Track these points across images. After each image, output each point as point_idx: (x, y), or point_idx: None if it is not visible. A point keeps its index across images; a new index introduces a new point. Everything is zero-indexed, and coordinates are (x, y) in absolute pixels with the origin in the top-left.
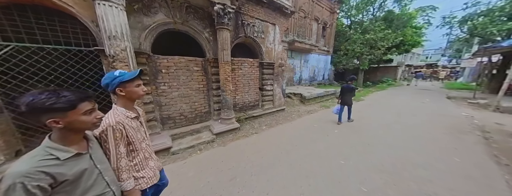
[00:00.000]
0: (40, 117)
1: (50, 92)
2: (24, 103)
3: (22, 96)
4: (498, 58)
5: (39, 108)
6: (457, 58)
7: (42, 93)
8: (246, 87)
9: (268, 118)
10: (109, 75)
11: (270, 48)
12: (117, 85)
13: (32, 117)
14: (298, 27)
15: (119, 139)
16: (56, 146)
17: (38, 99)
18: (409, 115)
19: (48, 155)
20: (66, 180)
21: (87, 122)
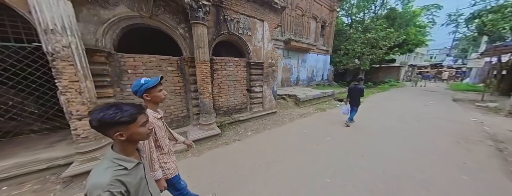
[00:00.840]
0: (108, 130)
1: (116, 107)
2: (95, 119)
3: (93, 112)
4: (508, 58)
5: (109, 122)
6: (463, 58)
7: (109, 108)
8: (231, 89)
9: (257, 122)
10: (136, 83)
11: (259, 47)
12: (144, 91)
13: (102, 131)
14: (295, 26)
15: (153, 135)
16: (121, 157)
17: (107, 114)
18: (411, 120)
19: (117, 165)
20: (130, 188)
21: (143, 133)
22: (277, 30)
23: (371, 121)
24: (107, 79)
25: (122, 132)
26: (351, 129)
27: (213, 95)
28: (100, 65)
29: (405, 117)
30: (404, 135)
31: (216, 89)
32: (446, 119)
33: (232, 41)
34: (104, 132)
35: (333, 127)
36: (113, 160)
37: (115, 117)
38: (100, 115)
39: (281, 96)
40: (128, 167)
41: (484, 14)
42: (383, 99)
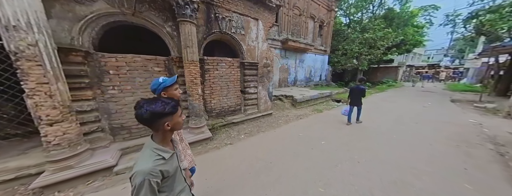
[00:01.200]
0: (158, 121)
1: (160, 101)
2: (146, 111)
3: (141, 106)
4: (506, 59)
5: (159, 113)
6: (460, 58)
7: (154, 102)
8: (224, 90)
9: (251, 124)
10: (155, 82)
11: (253, 47)
12: (162, 90)
13: (152, 122)
14: (292, 25)
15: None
16: (160, 148)
17: (157, 106)
18: (409, 122)
19: (157, 155)
20: (168, 176)
21: (181, 123)
22: (274, 30)
23: (368, 122)
24: (86, 80)
25: (169, 122)
26: (347, 132)
27: (205, 97)
28: (77, 66)
29: (403, 118)
30: (402, 138)
31: (207, 91)
32: (444, 120)
33: (224, 41)
34: (153, 123)
35: (329, 129)
36: (153, 149)
37: (165, 108)
38: (150, 107)
39: (278, 97)
40: (165, 157)
41: (482, 14)
42: (381, 100)
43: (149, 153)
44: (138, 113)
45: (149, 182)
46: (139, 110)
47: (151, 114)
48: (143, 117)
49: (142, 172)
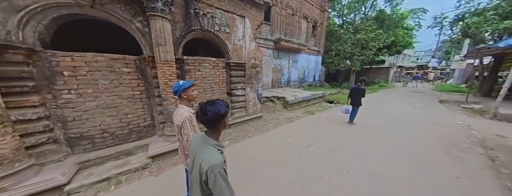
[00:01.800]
0: (220, 121)
1: (218, 104)
2: (212, 112)
3: (206, 108)
4: (489, 60)
5: (222, 114)
6: (446, 60)
7: (217, 104)
8: (208, 92)
9: (239, 128)
10: (176, 85)
11: (239, 46)
12: (182, 91)
13: (215, 122)
14: (285, 25)
15: (191, 125)
16: (219, 144)
17: (221, 108)
18: (400, 124)
19: (218, 149)
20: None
21: (228, 122)
22: (267, 29)
23: (360, 125)
24: (29, 83)
25: (226, 121)
26: (337, 136)
27: None
28: (16, 66)
29: (394, 120)
30: (393, 143)
31: None
32: (434, 122)
33: (208, 39)
34: (216, 123)
35: (320, 133)
36: (214, 145)
37: (226, 110)
38: (216, 109)
39: (269, 98)
40: (222, 151)
41: (468, 16)
42: (374, 101)
43: (212, 149)
44: (205, 115)
45: (224, 170)
46: (206, 112)
47: (217, 115)
48: (210, 119)
49: (218, 164)
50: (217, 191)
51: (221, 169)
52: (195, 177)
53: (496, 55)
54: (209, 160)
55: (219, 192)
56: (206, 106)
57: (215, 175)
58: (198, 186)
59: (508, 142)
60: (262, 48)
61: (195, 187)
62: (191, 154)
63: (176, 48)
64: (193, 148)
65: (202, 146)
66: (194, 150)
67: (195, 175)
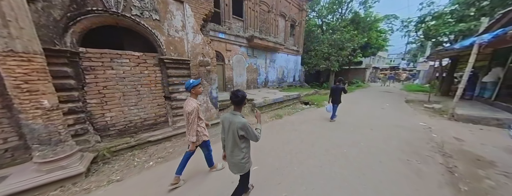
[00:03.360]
0: (243, 100)
1: (242, 91)
2: (241, 95)
3: (237, 92)
4: (447, 62)
5: (245, 96)
6: (414, 62)
7: (240, 91)
8: (131, 97)
9: (182, 140)
10: (187, 82)
11: (178, 39)
12: (191, 88)
13: (241, 102)
14: (260, 22)
15: (197, 113)
16: (241, 115)
17: (244, 93)
18: (365, 128)
19: (243, 117)
20: None
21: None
22: (239, 25)
23: (322, 134)
24: None
25: (245, 102)
26: (294, 146)
27: (92, 108)
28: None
29: (360, 124)
30: (352, 154)
31: (95, 100)
32: (398, 124)
33: (130, 29)
34: (241, 102)
35: (276, 143)
36: (240, 115)
37: (246, 94)
38: (243, 93)
39: None
40: (244, 118)
41: (429, 20)
42: (347, 102)
43: (240, 116)
44: (237, 95)
45: (249, 124)
46: (238, 95)
47: (243, 98)
48: (240, 100)
49: (246, 122)
50: (251, 135)
51: (248, 124)
52: (232, 134)
53: (453, 57)
54: (241, 121)
55: (252, 135)
56: (237, 92)
57: (247, 127)
58: (234, 139)
59: (465, 146)
60: (233, 46)
61: (231, 141)
62: (225, 124)
63: (57, 35)
64: (226, 120)
65: (233, 117)
66: (227, 120)
67: (233, 132)
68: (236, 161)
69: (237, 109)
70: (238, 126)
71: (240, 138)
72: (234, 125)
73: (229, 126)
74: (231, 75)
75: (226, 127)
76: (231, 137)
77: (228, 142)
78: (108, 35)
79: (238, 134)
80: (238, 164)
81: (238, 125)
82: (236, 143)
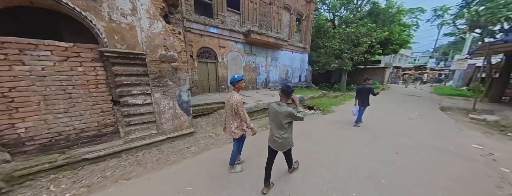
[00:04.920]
0: (291, 93)
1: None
2: (291, 88)
3: (288, 85)
4: (500, 59)
5: (292, 90)
6: (445, 61)
7: (290, 86)
8: (58, 101)
9: (134, 157)
10: (232, 77)
11: (126, 26)
12: (236, 82)
13: (290, 93)
14: (260, 16)
15: (242, 106)
16: (286, 104)
17: (292, 88)
18: (387, 150)
19: (287, 106)
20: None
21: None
22: (234, 19)
23: (330, 148)
24: None
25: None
26: (288, 177)
27: None
28: None
29: (379, 142)
30: (371, 190)
31: None
32: (437, 146)
33: (58, 11)
34: (289, 94)
35: (251, 167)
36: (286, 105)
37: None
38: (292, 88)
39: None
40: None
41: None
42: None
43: (286, 106)
44: (289, 88)
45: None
46: (290, 88)
47: (292, 91)
48: (290, 92)
49: (292, 109)
50: (297, 118)
51: (294, 111)
52: (278, 120)
53: (509, 52)
54: (287, 110)
55: (298, 118)
56: (288, 85)
57: (293, 114)
58: (279, 124)
59: None
60: (227, 42)
61: (276, 125)
62: (271, 112)
63: None
64: (272, 109)
65: (280, 107)
66: (273, 109)
67: (278, 119)
68: (280, 141)
69: (284, 99)
70: (285, 114)
71: (285, 123)
72: (280, 113)
73: (275, 114)
74: (226, 74)
75: (271, 114)
76: (277, 123)
77: (273, 126)
78: (41, 22)
79: (283, 120)
80: (282, 143)
81: (285, 113)
82: (281, 127)
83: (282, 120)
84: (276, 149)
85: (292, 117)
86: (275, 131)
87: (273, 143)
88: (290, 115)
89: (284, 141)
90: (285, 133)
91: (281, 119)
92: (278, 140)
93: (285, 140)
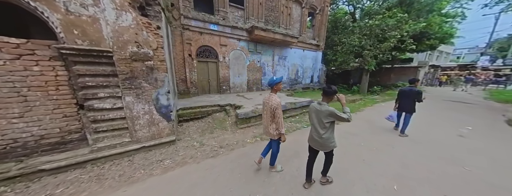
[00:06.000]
0: (334, 94)
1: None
2: (334, 89)
3: (330, 86)
4: None
5: (335, 91)
6: (503, 58)
7: (333, 86)
8: (12, 105)
9: (103, 167)
10: (271, 79)
11: (87, 18)
12: (274, 84)
13: (333, 94)
14: (266, 11)
15: (280, 109)
16: (327, 104)
17: (335, 88)
18: (429, 187)
19: (329, 106)
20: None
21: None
22: (238, 15)
23: (344, 184)
24: None
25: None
26: None
27: None
28: None
29: (415, 172)
30: None
31: None
32: None
33: None
34: (332, 94)
35: None
36: (327, 105)
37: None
38: (335, 88)
39: (223, 107)
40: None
41: None
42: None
43: (328, 106)
44: (330, 88)
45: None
46: (332, 88)
47: (335, 91)
48: (331, 90)
49: (333, 109)
50: (340, 118)
51: (336, 110)
52: (318, 119)
53: None
54: (328, 109)
55: (341, 118)
56: (330, 86)
57: (335, 113)
58: (320, 124)
59: None
60: (229, 40)
61: (317, 125)
62: (311, 111)
63: None
64: (313, 108)
65: (320, 106)
66: (314, 109)
67: (319, 118)
68: (320, 140)
69: (325, 99)
70: (325, 113)
71: (326, 122)
72: (321, 112)
73: (316, 113)
74: (227, 75)
75: (312, 114)
76: (318, 122)
77: (314, 125)
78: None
79: (324, 120)
80: (322, 143)
81: (326, 112)
82: (322, 126)
83: (323, 119)
84: (316, 148)
85: (334, 117)
86: (315, 130)
87: (313, 141)
88: (332, 114)
89: (324, 141)
90: (325, 132)
91: (322, 118)
92: (318, 139)
93: (325, 140)
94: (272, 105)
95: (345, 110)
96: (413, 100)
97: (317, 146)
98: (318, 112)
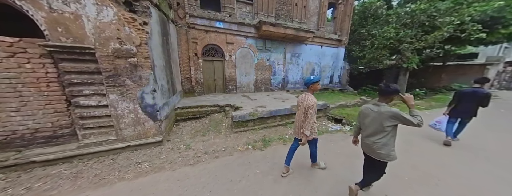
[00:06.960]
0: (394, 94)
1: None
2: (395, 88)
3: (390, 85)
4: None
5: (397, 90)
6: None
7: (394, 85)
8: (9, 99)
9: (87, 163)
10: (307, 78)
11: (70, 15)
12: (311, 84)
13: (393, 93)
14: (277, 4)
15: (314, 110)
16: (386, 104)
17: (397, 87)
18: None
19: (389, 107)
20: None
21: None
22: (245, 11)
23: None
24: None
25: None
26: None
27: None
28: None
29: None
30: None
31: None
32: None
33: None
34: (390, 94)
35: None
36: (386, 105)
37: (398, 88)
38: (396, 87)
39: (223, 108)
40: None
41: None
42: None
43: (387, 107)
44: (388, 88)
45: (402, 113)
46: (390, 87)
47: (396, 90)
48: (391, 90)
49: (397, 110)
50: (408, 121)
51: (400, 111)
52: (378, 123)
53: None
54: (391, 110)
55: (409, 121)
56: (389, 84)
57: (400, 115)
58: (378, 128)
59: None
60: (236, 37)
61: (373, 129)
62: (365, 114)
63: None
64: (367, 110)
65: (379, 107)
66: (369, 110)
67: (379, 121)
68: (373, 146)
69: (383, 100)
70: (388, 114)
71: (387, 126)
72: (381, 114)
73: (374, 116)
74: (234, 74)
75: (366, 116)
76: (375, 125)
77: (367, 130)
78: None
79: (385, 122)
80: (374, 148)
81: (388, 114)
82: (381, 130)
83: (384, 122)
84: (369, 154)
85: (399, 119)
86: (368, 137)
87: (365, 146)
88: (396, 116)
89: (378, 146)
90: (383, 137)
91: (382, 121)
92: (371, 145)
93: (381, 146)
94: (306, 104)
95: (413, 112)
96: (477, 104)
97: (369, 151)
98: (377, 113)
